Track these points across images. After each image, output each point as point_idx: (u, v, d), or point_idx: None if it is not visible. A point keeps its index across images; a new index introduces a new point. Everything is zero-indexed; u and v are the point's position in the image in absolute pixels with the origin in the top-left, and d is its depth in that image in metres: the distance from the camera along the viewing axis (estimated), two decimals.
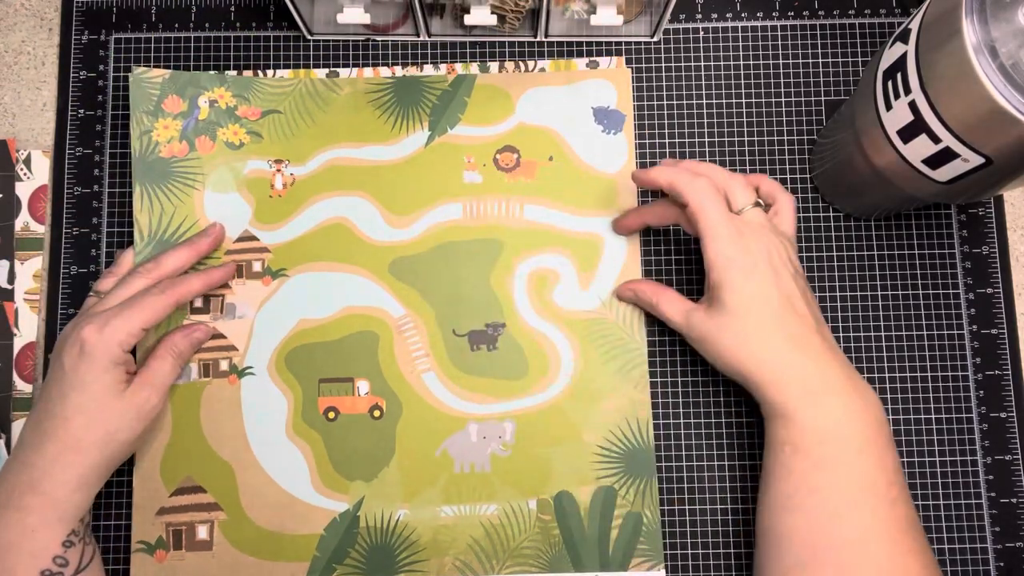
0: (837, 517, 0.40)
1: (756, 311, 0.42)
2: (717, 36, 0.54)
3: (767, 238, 0.43)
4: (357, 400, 0.49)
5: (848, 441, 0.41)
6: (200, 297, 0.50)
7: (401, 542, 0.48)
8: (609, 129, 0.52)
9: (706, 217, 0.43)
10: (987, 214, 0.52)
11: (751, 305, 0.42)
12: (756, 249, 0.43)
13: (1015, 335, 0.51)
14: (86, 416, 0.42)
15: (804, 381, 0.42)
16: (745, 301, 0.42)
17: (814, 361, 0.42)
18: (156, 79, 0.52)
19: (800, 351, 0.42)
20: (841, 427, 0.41)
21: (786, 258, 0.43)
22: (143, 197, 0.50)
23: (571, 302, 0.50)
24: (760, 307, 0.42)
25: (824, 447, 0.41)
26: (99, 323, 0.43)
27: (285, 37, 0.54)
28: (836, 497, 0.40)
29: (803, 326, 0.42)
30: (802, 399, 0.42)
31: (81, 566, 0.42)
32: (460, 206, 0.51)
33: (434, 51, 0.54)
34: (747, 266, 0.42)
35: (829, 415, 0.41)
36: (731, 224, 0.43)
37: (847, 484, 0.40)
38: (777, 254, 0.43)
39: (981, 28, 0.33)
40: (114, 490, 0.49)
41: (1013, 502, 0.49)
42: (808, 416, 0.41)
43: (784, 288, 0.43)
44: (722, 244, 0.43)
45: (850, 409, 0.41)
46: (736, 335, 0.43)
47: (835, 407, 0.41)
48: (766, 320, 0.42)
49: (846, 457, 0.41)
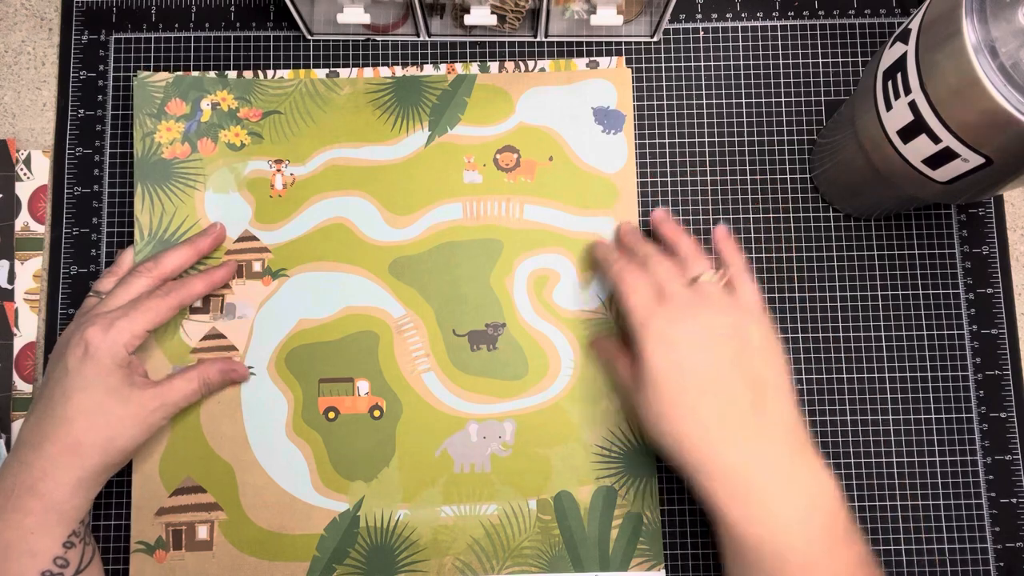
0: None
1: (674, 383, 0.39)
2: (717, 36, 0.54)
3: (710, 310, 0.41)
4: (357, 400, 0.49)
5: (790, 552, 0.36)
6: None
7: (401, 542, 0.48)
8: (609, 129, 0.52)
9: (625, 301, 0.42)
10: (987, 214, 0.52)
11: (668, 376, 0.39)
12: (685, 322, 0.40)
13: (1015, 335, 0.51)
14: (88, 418, 0.42)
15: (731, 474, 0.38)
16: (662, 372, 0.40)
17: (744, 448, 0.38)
18: (159, 83, 0.52)
19: (730, 434, 0.38)
20: (778, 535, 0.37)
21: (732, 333, 0.41)
22: (144, 197, 0.50)
23: (571, 302, 0.50)
24: (678, 380, 0.39)
25: (762, 560, 0.37)
26: (103, 325, 0.43)
27: (285, 37, 0.54)
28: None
29: (734, 405, 0.39)
30: (732, 498, 0.38)
31: (81, 566, 0.42)
32: (460, 206, 0.51)
33: (434, 51, 0.54)
34: (670, 339, 0.40)
35: (765, 519, 0.37)
36: (650, 303, 0.41)
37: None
38: (721, 327, 0.40)
39: (981, 28, 0.33)
40: (114, 490, 0.49)
41: (1013, 502, 0.49)
42: (740, 518, 0.37)
43: (716, 361, 0.39)
44: (639, 316, 0.41)
45: (789, 509, 0.37)
46: (651, 409, 0.40)
47: (771, 508, 0.37)
48: (687, 394, 0.39)
49: (789, 569, 0.36)
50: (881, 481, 0.49)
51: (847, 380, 0.50)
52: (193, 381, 0.46)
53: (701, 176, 0.52)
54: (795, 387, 0.50)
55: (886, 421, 0.50)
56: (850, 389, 0.50)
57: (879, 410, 0.50)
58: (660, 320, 0.41)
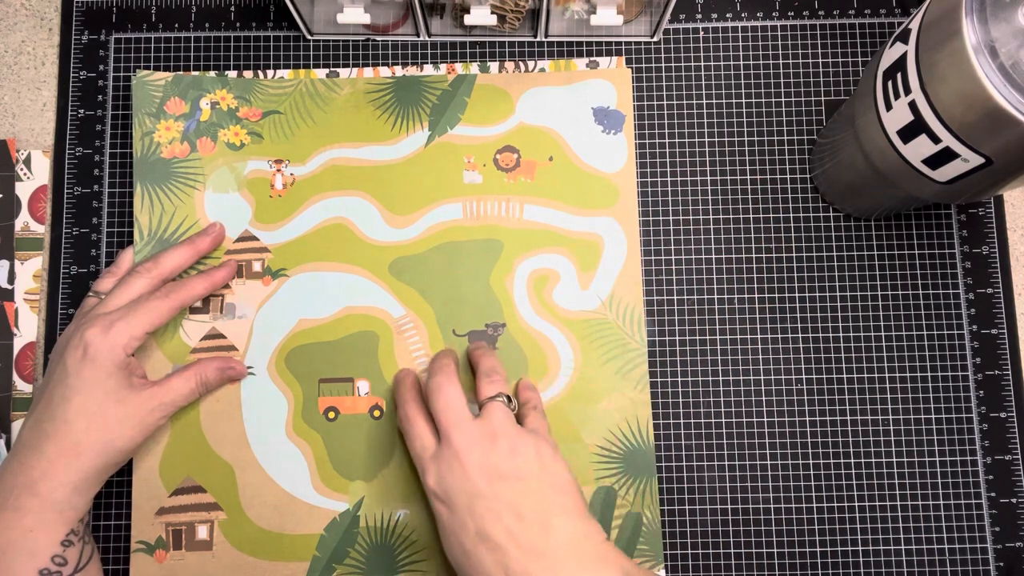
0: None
1: (456, 535, 0.40)
2: (717, 36, 0.54)
3: (489, 444, 0.40)
4: (357, 400, 0.49)
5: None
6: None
7: (401, 542, 0.48)
8: (609, 129, 0.52)
9: (410, 449, 0.43)
10: (987, 214, 0.52)
11: (451, 528, 0.40)
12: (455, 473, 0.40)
13: (1015, 335, 0.51)
14: (87, 420, 0.42)
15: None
16: (446, 525, 0.40)
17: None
18: (159, 82, 0.52)
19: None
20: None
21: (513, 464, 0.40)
22: (144, 197, 0.50)
23: (571, 302, 0.50)
24: (460, 532, 0.39)
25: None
26: (103, 326, 0.43)
27: (285, 37, 0.54)
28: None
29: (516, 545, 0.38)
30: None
31: (80, 565, 0.42)
32: (460, 206, 0.51)
33: (434, 51, 0.54)
34: (446, 493, 0.40)
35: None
36: (426, 454, 0.41)
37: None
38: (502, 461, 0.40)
39: (981, 28, 0.33)
40: (114, 490, 0.49)
41: (1013, 502, 0.49)
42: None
43: (493, 505, 0.39)
44: (420, 467, 0.42)
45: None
46: (449, 553, 0.41)
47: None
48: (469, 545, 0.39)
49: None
50: (881, 481, 0.49)
51: (847, 380, 0.50)
52: (191, 381, 0.46)
53: (701, 176, 0.52)
54: (802, 387, 0.50)
55: (886, 421, 0.50)
56: (850, 389, 0.50)
57: (879, 410, 0.50)
58: (433, 475, 0.41)
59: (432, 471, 0.41)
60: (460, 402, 0.42)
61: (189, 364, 0.48)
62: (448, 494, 0.40)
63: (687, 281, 0.51)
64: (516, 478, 0.40)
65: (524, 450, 0.41)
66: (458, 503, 0.40)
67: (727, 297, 0.51)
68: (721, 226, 0.52)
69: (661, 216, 0.52)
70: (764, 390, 0.50)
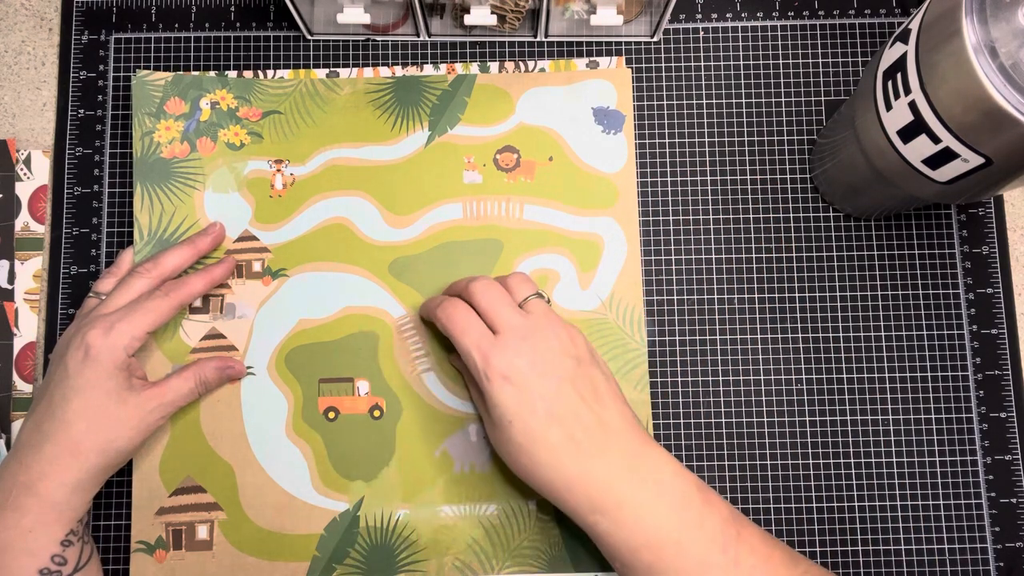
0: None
1: (524, 418, 0.40)
2: (717, 36, 0.54)
3: (542, 333, 0.42)
4: (357, 400, 0.49)
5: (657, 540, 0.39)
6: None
7: (401, 542, 0.48)
8: (609, 129, 0.52)
9: (460, 342, 0.42)
10: (987, 214, 0.52)
11: (518, 413, 0.40)
12: (523, 354, 0.41)
13: (1015, 335, 0.51)
14: (87, 421, 0.42)
15: (591, 491, 0.40)
16: (511, 410, 0.40)
17: (596, 464, 0.40)
18: (159, 81, 0.52)
19: (583, 454, 0.40)
20: (644, 531, 0.39)
21: (565, 350, 0.42)
22: (143, 197, 0.50)
23: (571, 302, 0.50)
24: (528, 414, 0.40)
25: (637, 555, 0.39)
26: (104, 327, 0.43)
27: (285, 37, 0.54)
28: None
29: (580, 424, 0.40)
30: (596, 512, 0.40)
31: (79, 565, 0.42)
32: (460, 206, 0.51)
33: (434, 51, 0.54)
34: (512, 375, 0.41)
35: (627, 521, 0.39)
36: (485, 341, 0.42)
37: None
38: (556, 348, 0.42)
39: (981, 28, 0.33)
40: (114, 490, 0.49)
41: (1013, 502, 0.49)
42: (608, 527, 0.39)
43: (558, 386, 0.41)
44: (478, 357, 0.41)
45: (646, 504, 0.39)
46: (508, 446, 0.41)
47: (631, 509, 0.39)
48: (538, 426, 0.40)
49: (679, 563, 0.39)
50: (881, 481, 0.49)
51: (847, 380, 0.50)
52: (190, 380, 0.46)
53: (701, 176, 0.52)
54: (802, 387, 0.50)
55: (886, 421, 0.50)
56: (850, 389, 0.50)
57: (879, 410, 0.50)
58: (498, 358, 0.41)
59: (497, 355, 0.41)
60: (507, 296, 0.43)
61: (188, 364, 0.48)
62: (519, 375, 0.41)
63: (687, 281, 0.51)
64: (576, 360, 0.42)
65: (576, 337, 0.43)
66: (527, 382, 0.41)
67: (727, 297, 0.51)
68: (721, 226, 0.52)
69: (661, 216, 0.52)
70: (764, 390, 0.50)
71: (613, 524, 0.39)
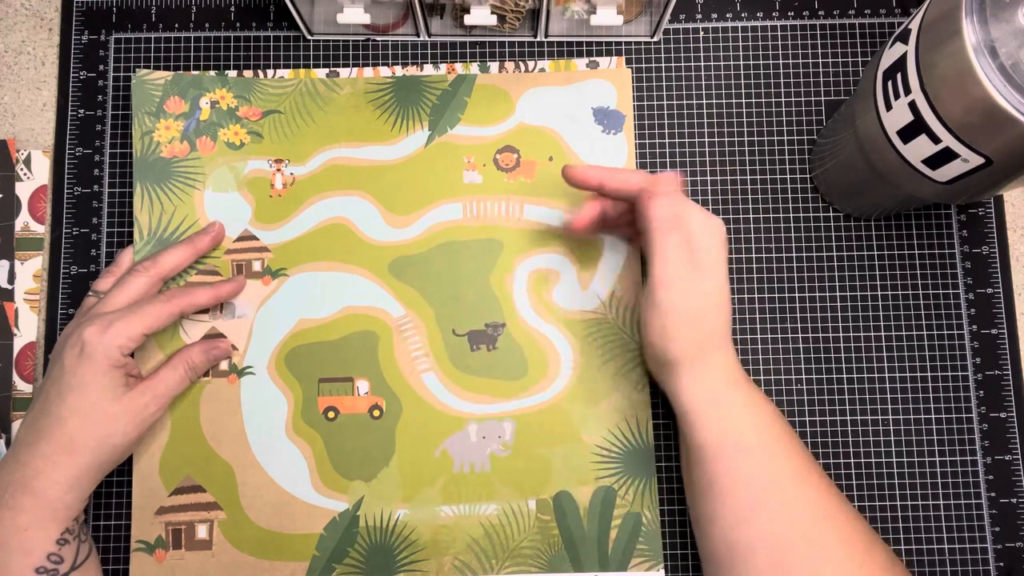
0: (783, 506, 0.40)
1: (681, 309, 0.42)
2: (717, 36, 0.54)
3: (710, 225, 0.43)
4: (357, 400, 0.49)
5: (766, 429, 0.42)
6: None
7: (401, 542, 0.48)
8: (609, 129, 0.52)
9: (631, 180, 0.44)
10: (987, 214, 0.52)
11: (678, 303, 0.42)
12: (689, 204, 0.43)
13: (1015, 335, 0.51)
14: (82, 418, 0.42)
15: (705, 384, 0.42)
16: (674, 298, 0.42)
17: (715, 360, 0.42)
18: (158, 81, 0.52)
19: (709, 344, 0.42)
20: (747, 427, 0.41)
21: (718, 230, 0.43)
22: (143, 196, 0.50)
23: (571, 302, 0.50)
24: (687, 305, 0.42)
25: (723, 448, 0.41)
26: (101, 325, 0.43)
27: (285, 37, 0.54)
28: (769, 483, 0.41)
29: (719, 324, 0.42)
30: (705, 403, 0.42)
31: (76, 563, 0.42)
32: (460, 206, 0.51)
33: (434, 51, 0.54)
34: (680, 214, 0.42)
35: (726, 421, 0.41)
36: (655, 182, 0.43)
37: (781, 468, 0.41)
38: (719, 245, 0.43)
39: (981, 28, 0.33)
40: (114, 489, 0.49)
41: (1013, 502, 0.49)
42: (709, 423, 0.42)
43: (717, 249, 0.42)
44: (648, 188, 0.43)
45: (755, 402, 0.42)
46: (657, 330, 0.42)
47: (731, 413, 0.42)
48: (691, 318, 0.42)
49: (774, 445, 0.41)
50: (881, 481, 0.49)
51: (847, 380, 0.50)
52: (178, 368, 0.46)
53: (701, 176, 0.52)
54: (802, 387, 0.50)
55: (886, 421, 0.50)
56: (850, 389, 0.50)
57: (879, 410, 0.50)
58: (667, 206, 0.42)
59: (665, 202, 0.42)
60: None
61: (174, 353, 0.48)
62: (682, 221, 0.42)
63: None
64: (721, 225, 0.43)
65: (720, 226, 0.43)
66: (690, 231, 0.41)
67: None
68: None
69: None
70: (764, 390, 0.50)
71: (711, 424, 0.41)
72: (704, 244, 0.42)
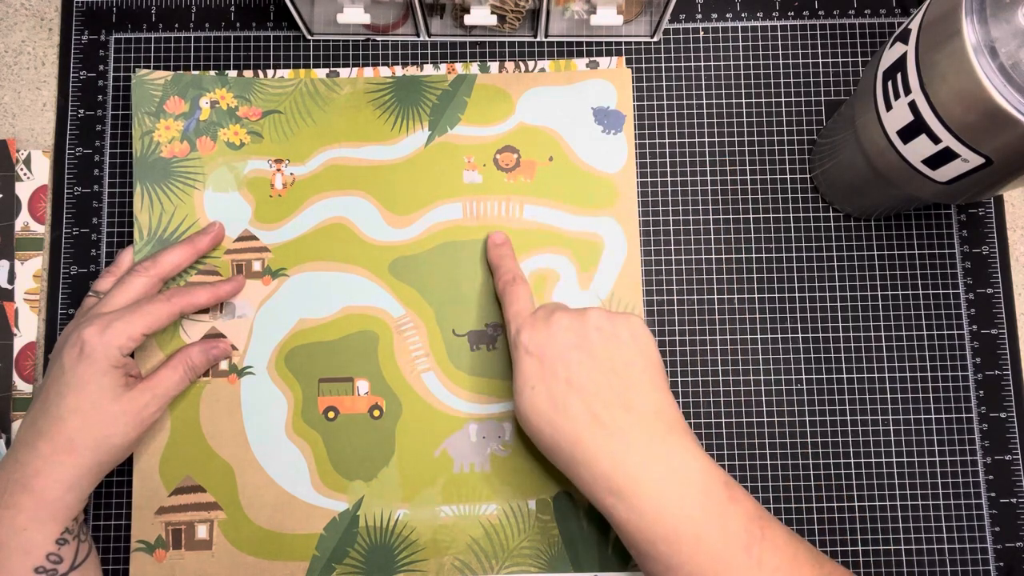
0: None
1: (546, 385, 0.41)
2: (717, 36, 0.54)
3: (581, 313, 0.43)
4: (357, 400, 0.49)
5: (675, 532, 0.38)
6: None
7: (401, 542, 0.48)
8: (609, 129, 0.52)
9: (507, 310, 0.46)
10: (987, 214, 0.52)
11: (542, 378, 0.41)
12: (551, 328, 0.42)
13: (1015, 335, 0.51)
14: (81, 418, 0.42)
15: (609, 471, 0.39)
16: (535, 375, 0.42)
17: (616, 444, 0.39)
18: (158, 81, 0.52)
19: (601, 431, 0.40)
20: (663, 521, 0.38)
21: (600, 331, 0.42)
22: (143, 196, 0.50)
23: (571, 302, 0.50)
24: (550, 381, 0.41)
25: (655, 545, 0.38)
26: (101, 325, 0.43)
27: (285, 37, 0.54)
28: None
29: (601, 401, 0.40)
30: (612, 494, 0.39)
31: (76, 563, 0.42)
32: (460, 206, 0.51)
33: (434, 51, 0.54)
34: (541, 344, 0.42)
35: (646, 509, 0.38)
36: (526, 312, 0.44)
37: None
38: (590, 327, 0.42)
39: (981, 28, 0.33)
40: (114, 489, 0.49)
41: (1013, 502, 0.49)
42: (625, 513, 0.39)
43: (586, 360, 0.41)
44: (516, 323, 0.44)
45: (666, 494, 0.38)
46: (531, 418, 0.42)
47: (649, 497, 0.38)
48: (559, 394, 0.41)
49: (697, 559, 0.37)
50: (881, 481, 0.49)
51: (847, 380, 0.50)
52: (177, 368, 0.46)
53: (701, 176, 0.52)
54: (802, 387, 0.50)
55: (886, 421, 0.50)
56: (850, 389, 0.50)
57: (879, 410, 0.50)
58: (528, 333, 0.43)
59: (528, 328, 0.43)
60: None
61: (173, 353, 0.48)
62: (542, 348, 0.42)
63: (687, 281, 0.51)
64: (611, 336, 0.42)
65: (617, 318, 0.43)
66: (550, 355, 0.42)
67: (727, 297, 0.51)
68: (721, 226, 0.52)
69: (661, 216, 0.52)
70: (764, 390, 0.50)
71: (630, 510, 0.38)
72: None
